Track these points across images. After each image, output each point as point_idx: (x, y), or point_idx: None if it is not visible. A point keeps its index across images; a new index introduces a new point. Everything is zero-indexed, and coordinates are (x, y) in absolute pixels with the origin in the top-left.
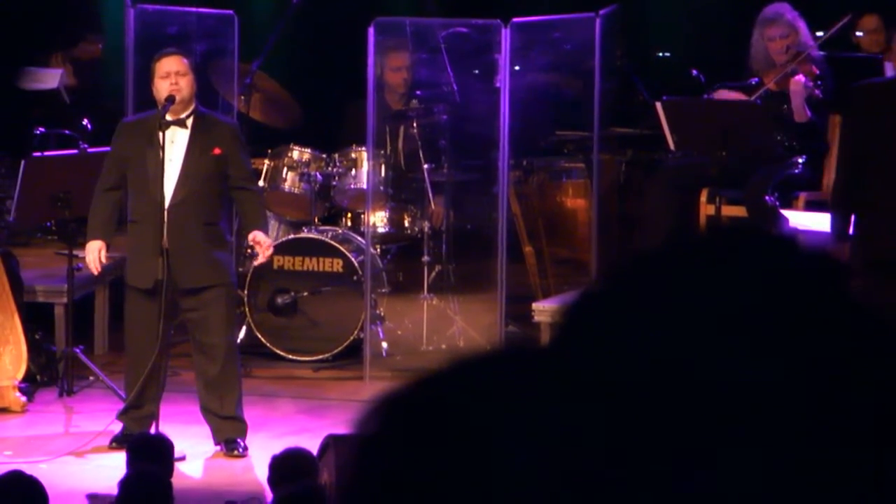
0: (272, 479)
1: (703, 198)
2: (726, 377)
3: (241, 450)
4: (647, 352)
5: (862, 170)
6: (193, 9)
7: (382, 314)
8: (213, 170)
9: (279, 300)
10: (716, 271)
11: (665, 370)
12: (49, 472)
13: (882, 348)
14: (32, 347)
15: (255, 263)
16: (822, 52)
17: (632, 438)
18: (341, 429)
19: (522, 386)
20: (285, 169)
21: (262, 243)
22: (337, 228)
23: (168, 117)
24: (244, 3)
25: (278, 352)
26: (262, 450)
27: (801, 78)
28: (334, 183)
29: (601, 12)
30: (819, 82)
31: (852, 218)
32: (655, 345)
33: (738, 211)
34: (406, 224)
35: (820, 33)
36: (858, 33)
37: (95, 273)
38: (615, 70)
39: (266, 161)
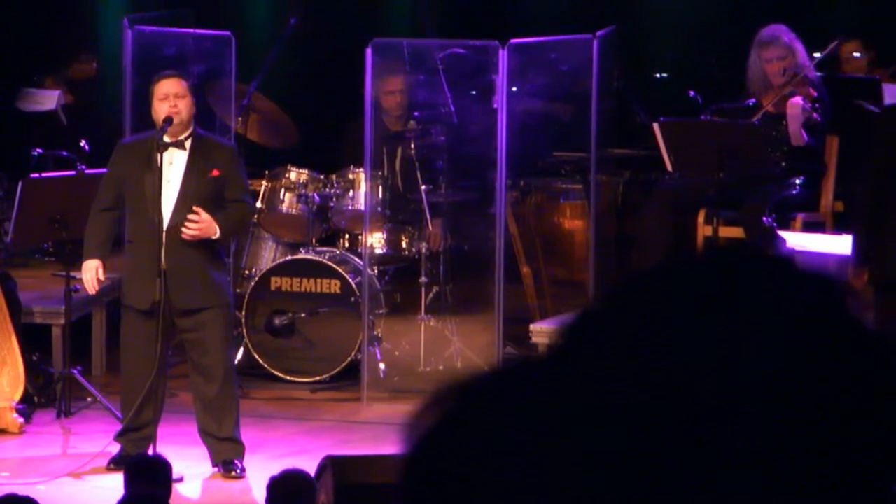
0: (270, 501)
1: (701, 219)
2: (724, 398)
3: (238, 471)
4: (645, 373)
5: (886, 193)
6: (191, 30)
7: (380, 335)
8: (211, 192)
9: (277, 321)
10: (713, 292)
11: (663, 391)
12: (47, 493)
13: (880, 366)
14: (30, 369)
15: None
16: (819, 74)
17: (630, 458)
18: (339, 450)
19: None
20: (283, 190)
21: (196, 214)
22: (334, 249)
23: (166, 139)
24: (241, 25)
25: (276, 373)
26: (259, 471)
27: (798, 100)
28: (332, 204)
29: (598, 34)
30: (816, 105)
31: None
32: (652, 366)
33: (735, 232)
34: (403, 245)
35: (817, 54)
36: (856, 54)
37: (92, 292)
38: (612, 91)
39: (263, 182)
